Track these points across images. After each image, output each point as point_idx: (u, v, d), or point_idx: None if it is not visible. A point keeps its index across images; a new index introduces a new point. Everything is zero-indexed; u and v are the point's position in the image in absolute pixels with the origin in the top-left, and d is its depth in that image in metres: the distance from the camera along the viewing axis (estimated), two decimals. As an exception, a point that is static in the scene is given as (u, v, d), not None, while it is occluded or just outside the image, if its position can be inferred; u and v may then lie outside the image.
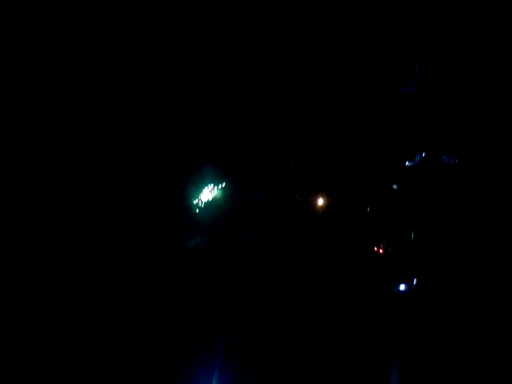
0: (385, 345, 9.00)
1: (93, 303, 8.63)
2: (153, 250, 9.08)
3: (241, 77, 9.03)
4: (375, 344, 9.01)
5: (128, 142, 8.73)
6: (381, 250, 9.14)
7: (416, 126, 8.96)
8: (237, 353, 8.95)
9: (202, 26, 8.67)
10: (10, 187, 8.01)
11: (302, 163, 9.28)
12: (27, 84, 8.08)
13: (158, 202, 9.15)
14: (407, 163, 9.00)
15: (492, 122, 8.66)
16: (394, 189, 9.07)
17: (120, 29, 8.34)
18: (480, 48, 8.60)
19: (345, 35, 9.02)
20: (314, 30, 8.97)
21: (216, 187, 9.28)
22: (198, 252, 9.36)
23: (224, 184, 9.36)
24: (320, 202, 9.33)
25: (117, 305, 8.66)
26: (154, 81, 8.73)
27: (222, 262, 9.27)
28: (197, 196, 9.18)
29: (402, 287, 8.93)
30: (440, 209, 8.96)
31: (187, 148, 9.15)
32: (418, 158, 8.92)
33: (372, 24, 8.94)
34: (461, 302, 8.69)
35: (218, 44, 8.93)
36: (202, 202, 9.23)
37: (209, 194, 9.29)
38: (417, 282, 8.93)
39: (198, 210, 9.30)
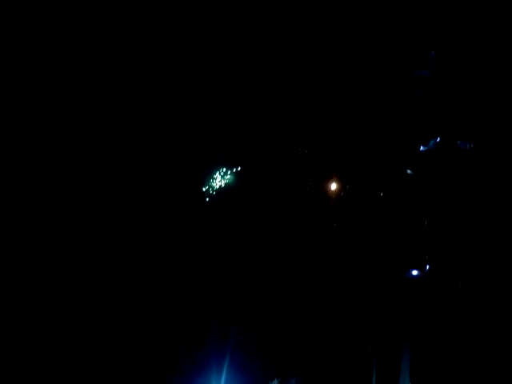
0: (396, 332, 8.94)
1: (98, 296, 8.53)
2: (160, 241, 8.98)
3: (253, 66, 8.93)
4: (386, 331, 8.95)
5: (139, 134, 8.63)
6: (393, 236, 9.06)
7: (431, 111, 8.84)
8: (245, 346, 8.89)
9: (205, 26, 8.57)
10: (9, 187, 7.92)
11: (315, 149, 9.17)
12: (27, 84, 7.98)
13: (167, 192, 9.05)
14: (422, 148, 8.89)
15: (509, 107, 8.55)
16: (408, 174, 8.97)
17: (121, 29, 8.25)
18: (496, 31, 8.48)
19: (360, 20, 8.91)
20: (329, 13, 8.85)
21: (227, 175, 9.18)
22: (206, 241, 9.27)
23: (234, 173, 9.25)
24: (333, 187, 9.23)
25: (124, 297, 8.56)
26: (164, 75, 8.64)
27: (231, 252, 9.18)
28: (207, 184, 9.08)
29: (415, 273, 8.85)
30: (454, 194, 8.86)
31: (198, 136, 9.04)
32: (432, 142, 8.81)
33: (387, 8, 8.82)
34: (473, 289, 8.63)
35: (230, 37, 8.82)
36: (212, 190, 9.12)
37: (219, 182, 9.19)
38: (429, 267, 8.85)
39: (208, 199, 9.20)
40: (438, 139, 8.84)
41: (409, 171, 8.97)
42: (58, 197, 8.09)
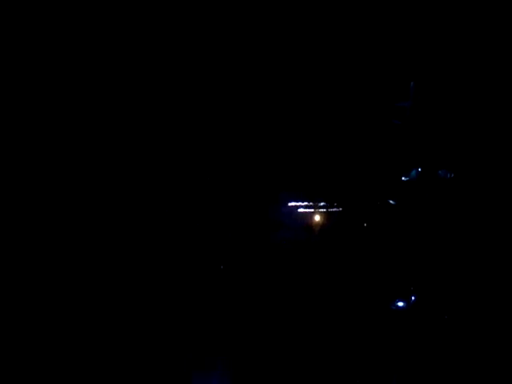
0: (384, 363, 8.80)
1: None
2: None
3: (239, 82, 8.93)
4: (374, 362, 8.80)
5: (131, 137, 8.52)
6: (377, 266, 9.00)
7: (412, 141, 8.92)
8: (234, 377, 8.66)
9: (201, 26, 8.59)
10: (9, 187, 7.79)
11: (296, 177, 9.13)
12: (27, 84, 7.91)
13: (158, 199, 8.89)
14: (403, 178, 8.94)
15: (489, 136, 8.71)
16: (390, 204, 8.98)
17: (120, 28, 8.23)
18: (476, 62, 8.69)
19: (341, 49, 9.02)
20: (311, 41, 8.95)
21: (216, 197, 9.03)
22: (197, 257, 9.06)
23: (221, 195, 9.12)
24: (316, 217, 9.15)
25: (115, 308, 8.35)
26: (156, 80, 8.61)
27: (221, 270, 8.99)
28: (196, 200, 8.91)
29: (400, 304, 8.79)
30: (437, 224, 8.90)
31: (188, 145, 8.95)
32: (414, 172, 8.88)
33: (367, 38, 8.97)
34: (461, 317, 8.60)
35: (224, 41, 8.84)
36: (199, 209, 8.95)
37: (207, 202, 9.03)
38: (415, 298, 8.79)
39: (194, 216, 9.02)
40: (420, 169, 8.90)
41: (391, 201, 8.98)
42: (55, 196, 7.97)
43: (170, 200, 8.50)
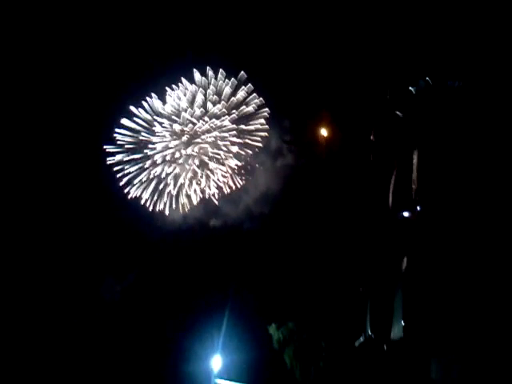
0: (388, 272, 9.03)
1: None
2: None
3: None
4: (378, 272, 9.05)
5: None
6: (385, 178, 9.14)
7: (412, 132, 8.85)
8: (244, 299, 8.99)
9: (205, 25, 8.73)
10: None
11: (305, 167, 9.24)
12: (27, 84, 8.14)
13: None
14: (412, 88, 8.93)
15: (493, 124, 8.55)
16: (398, 116, 9.02)
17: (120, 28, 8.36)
18: (480, 55, 8.53)
19: (346, 44, 9.10)
20: (317, 37, 9.04)
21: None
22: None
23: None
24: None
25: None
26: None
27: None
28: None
29: (406, 214, 8.96)
30: (443, 136, 8.89)
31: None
32: (422, 82, 8.85)
33: (373, 32, 9.00)
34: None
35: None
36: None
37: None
38: (420, 209, 8.92)
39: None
40: (427, 79, 8.85)
41: (399, 113, 9.00)
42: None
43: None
